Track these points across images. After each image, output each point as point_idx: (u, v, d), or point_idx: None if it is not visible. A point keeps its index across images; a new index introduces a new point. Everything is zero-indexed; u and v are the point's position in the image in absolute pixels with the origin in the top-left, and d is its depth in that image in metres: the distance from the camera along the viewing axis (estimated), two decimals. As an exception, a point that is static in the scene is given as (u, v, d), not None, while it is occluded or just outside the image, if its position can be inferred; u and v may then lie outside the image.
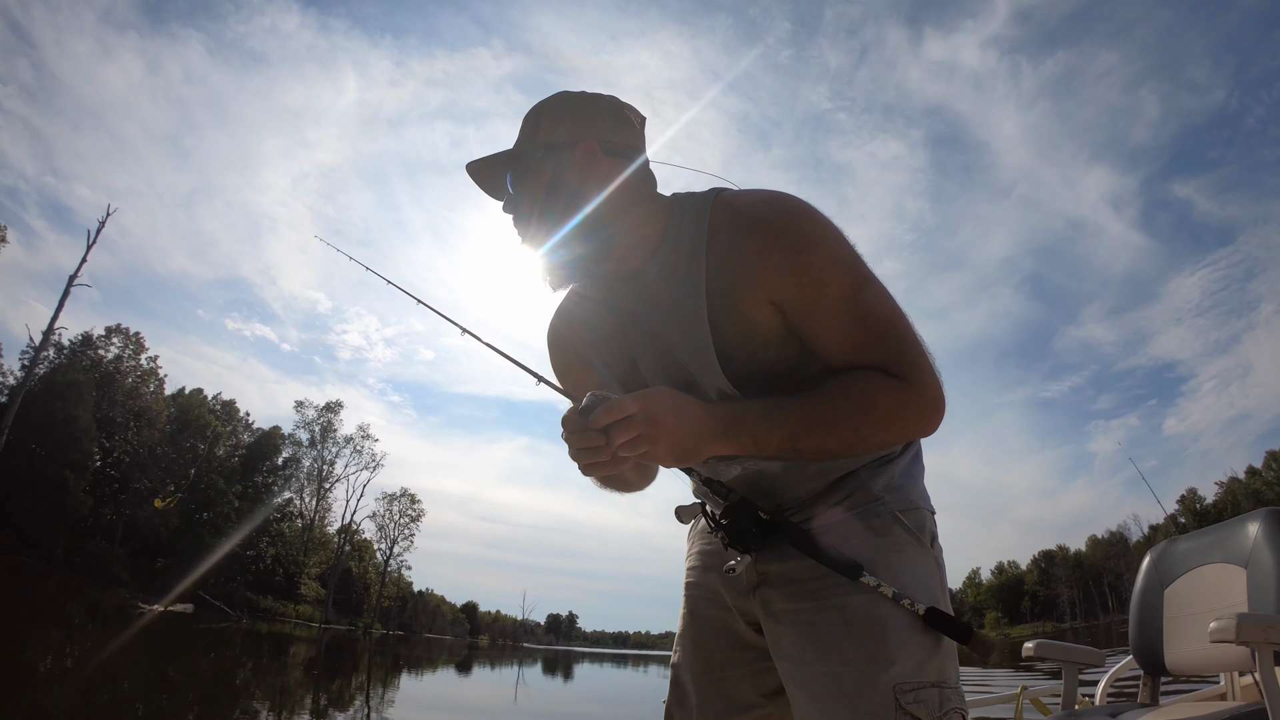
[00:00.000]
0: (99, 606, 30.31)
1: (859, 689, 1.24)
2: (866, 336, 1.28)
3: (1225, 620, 2.13)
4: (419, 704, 13.93)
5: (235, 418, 66.03)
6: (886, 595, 1.26)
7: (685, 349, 1.37)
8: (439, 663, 32.71)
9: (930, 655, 1.28)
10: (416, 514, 79.62)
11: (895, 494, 1.43)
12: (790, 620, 1.38)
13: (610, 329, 1.51)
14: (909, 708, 1.22)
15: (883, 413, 1.26)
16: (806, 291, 1.27)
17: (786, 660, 1.37)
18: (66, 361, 48.71)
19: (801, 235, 1.27)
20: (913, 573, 1.35)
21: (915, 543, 1.40)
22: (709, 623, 1.59)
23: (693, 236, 1.35)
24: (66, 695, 8.64)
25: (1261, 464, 77.73)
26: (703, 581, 1.63)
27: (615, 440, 1.17)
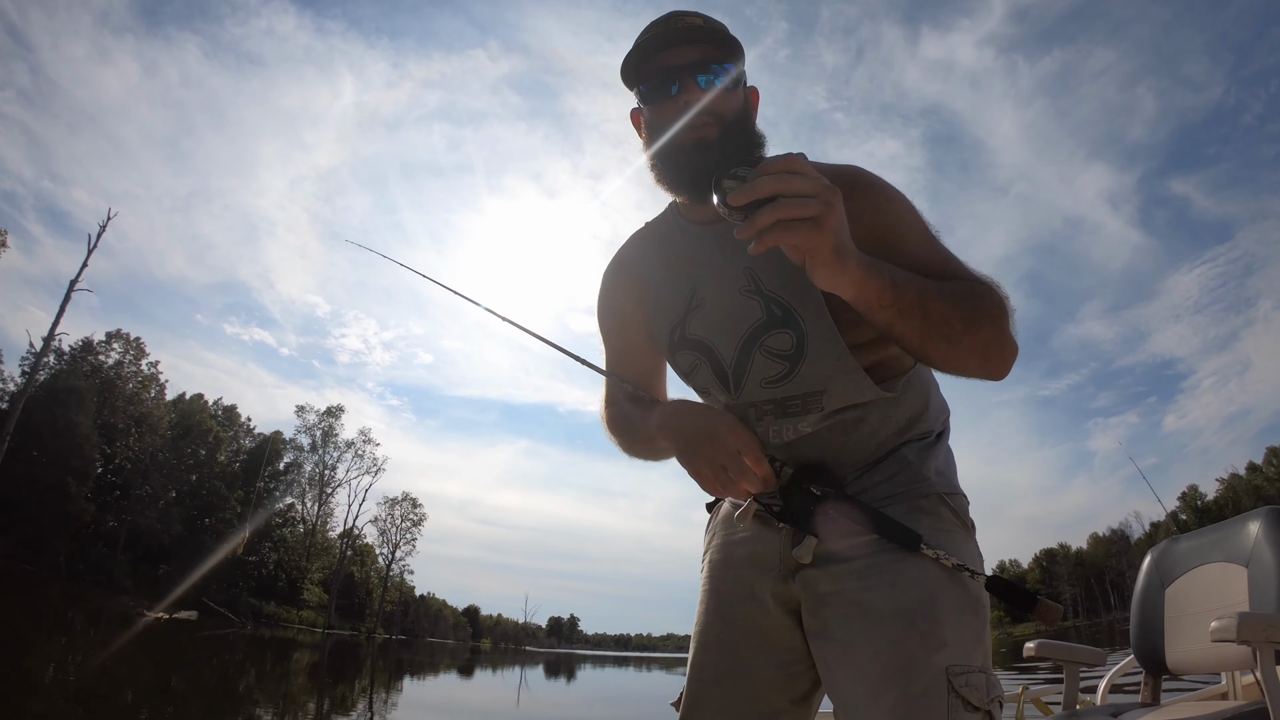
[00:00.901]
0: (102, 614, 30.27)
1: (910, 671, 1.23)
2: (950, 265, 1.35)
3: (1226, 619, 2.13)
4: (424, 708, 13.95)
5: (236, 423, 65.97)
6: (947, 565, 1.27)
7: (783, 282, 1.41)
8: (442, 667, 32.71)
9: (978, 641, 1.28)
10: (418, 518, 79.53)
11: (940, 477, 1.45)
12: (837, 602, 1.36)
13: (675, 274, 1.55)
14: (961, 691, 1.21)
15: (996, 317, 1.27)
16: (891, 229, 1.35)
17: (832, 644, 1.35)
18: (67, 367, 48.64)
19: (886, 189, 1.40)
20: (961, 555, 1.35)
21: (962, 527, 1.42)
22: (738, 619, 1.53)
23: None
24: (73, 706, 8.64)
25: (1262, 460, 77.56)
26: (730, 575, 1.57)
27: (787, 205, 1.05)
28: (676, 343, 1.54)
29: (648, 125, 1.47)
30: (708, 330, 1.49)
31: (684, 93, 1.39)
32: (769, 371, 1.43)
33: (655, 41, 1.42)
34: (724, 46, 1.42)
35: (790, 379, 1.41)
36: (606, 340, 1.73)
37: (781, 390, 1.43)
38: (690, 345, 1.52)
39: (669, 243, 1.57)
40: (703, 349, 1.51)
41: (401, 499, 78.36)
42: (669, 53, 1.42)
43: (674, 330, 1.54)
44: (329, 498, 71.30)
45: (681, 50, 1.41)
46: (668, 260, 1.57)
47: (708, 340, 1.50)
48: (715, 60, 1.41)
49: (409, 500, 78.87)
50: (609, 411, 1.71)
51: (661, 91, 1.42)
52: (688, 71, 1.40)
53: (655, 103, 1.44)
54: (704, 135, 1.38)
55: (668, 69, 1.41)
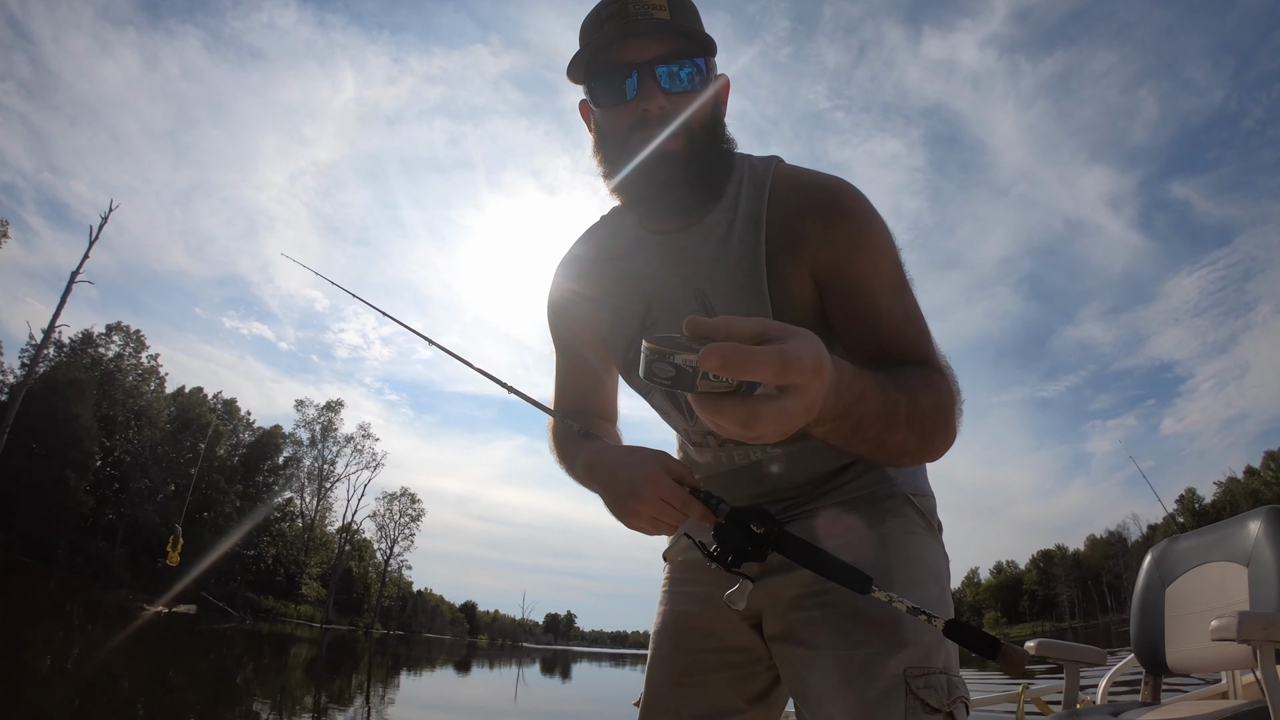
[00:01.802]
0: (101, 607, 30.29)
1: (869, 672, 1.22)
2: (910, 328, 1.21)
3: (1226, 619, 2.14)
4: (422, 704, 13.95)
5: (236, 417, 66.06)
6: (901, 609, 1.08)
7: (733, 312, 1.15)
8: (439, 662, 32.72)
9: (939, 643, 1.25)
10: (417, 513, 79.49)
11: (906, 476, 1.42)
12: (799, 606, 1.34)
13: (629, 285, 1.41)
14: (919, 693, 1.20)
15: (952, 410, 1.15)
16: (858, 271, 1.21)
17: (795, 647, 1.34)
18: (67, 360, 48.70)
19: (864, 221, 1.23)
20: (924, 560, 1.34)
21: (927, 528, 1.40)
22: (694, 621, 1.53)
23: (753, 200, 1.29)
24: (75, 700, 8.65)
25: (1260, 464, 77.65)
26: (688, 578, 1.57)
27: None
28: (631, 361, 1.44)
29: (599, 128, 1.31)
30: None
31: (644, 97, 1.21)
32: None
33: (611, 30, 1.22)
34: (693, 37, 1.23)
35: None
36: (557, 344, 1.62)
37: None
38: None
39: (622, 246, 1.43)
40: None
41: (400, 494, 78.44)
42: (627, 45, 1.22)
43: (629, 348, 1.44)
44: (328, 492, 71.45)
45: (642, 43, 1.22)
46: (621, 269, 1.43)
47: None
48: (683, 55, 1.23)
49: (407, 496, 78.94)
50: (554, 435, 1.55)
51: (615, 92, 1.25)
52: (648, 70, 1.21)
53: (609, 106, 1.26)
54: (669, 149, 1.22)
55: (625, 65, 1.22)
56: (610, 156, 1.28)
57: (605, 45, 1.23)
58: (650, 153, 1.22)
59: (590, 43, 1.25)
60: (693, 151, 1.23)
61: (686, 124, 1.22)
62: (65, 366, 47.06)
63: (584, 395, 1.62)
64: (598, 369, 1.59)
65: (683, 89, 1.22)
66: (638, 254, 1.40)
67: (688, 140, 1.23)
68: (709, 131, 1.26)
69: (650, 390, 1.45)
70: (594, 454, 1.34)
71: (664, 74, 1.21)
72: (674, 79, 1.22)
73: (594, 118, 1.33)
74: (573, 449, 1.44)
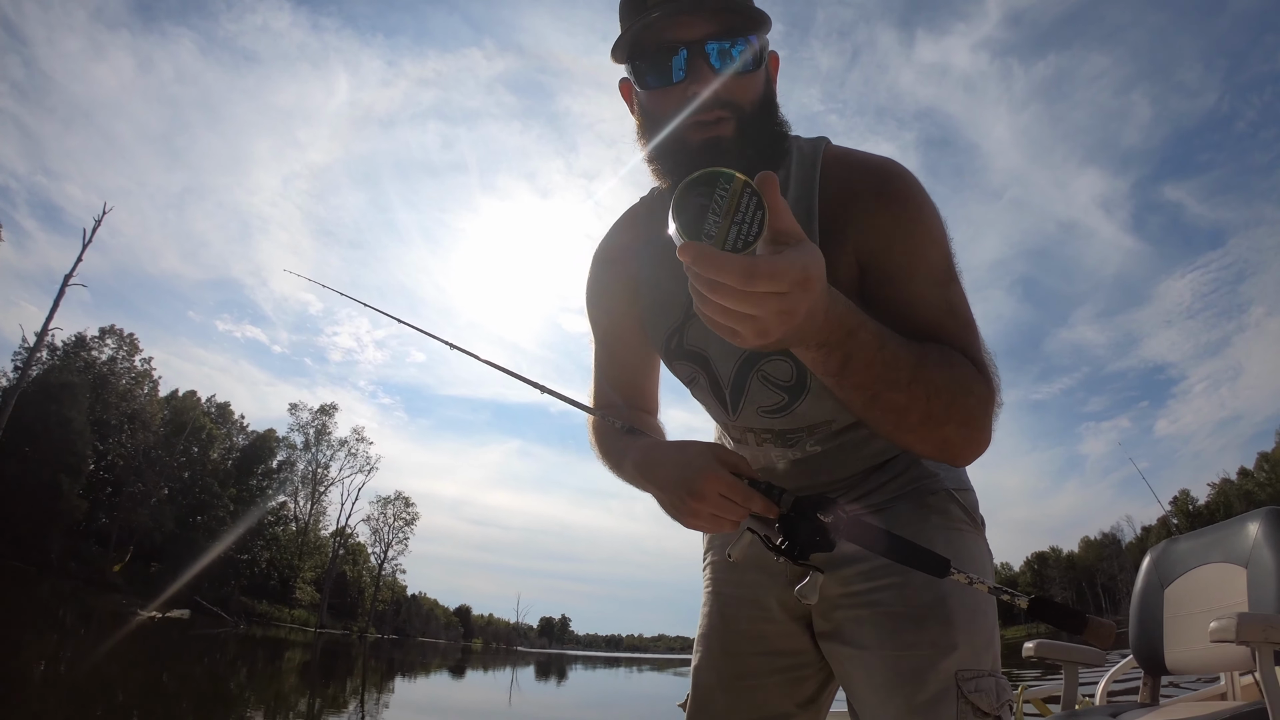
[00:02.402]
0: (94, 612, 30.16)
1: (920, 675, 1.20)
2: (951, 320, 1.16)
3: (1225, 620, 2.14)
4: (416, 708, 13.92)
5: (229, 420, 65.78)
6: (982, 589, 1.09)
7: None
8: (433, 667, 32.65)
9: (988, 643, 1.24)
10: (411, 517, 79.22)
11: (948, 471, 1.38)
12: (846, 604, 1.31)
13: (671, 272, 1.32)
14: (971, 696, 1.18)
15: (975, 399, 1.10)
16: (905, 257, 1.17)
17: (844, 646, 1.31)
18: (60, 363, 48.50)
19: (916, 206, 1.18)
20: (973, 554, 1.32)
21: (970, 524, 1.37)
22: (741, 624, 1.49)
23: (804, 184, 1.23)
24: (68, 707, 8.61)
25: (1253, 465, 77.88)
26: (735, 579, 1.52)
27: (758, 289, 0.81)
28: (673, 351, 1.39)
29: (644, 113, 1.22)
30: (705, 343, 1.34)
31: (693, 78, 1.12)
32: (766, 400, 1.32)
33: (656, 6, 1.12)
34: (745, 11, 1.14)
35: (788, 412, 1.32)
36: (597, 336, 1.56)
37: (780, 422, 1.34)
38: (687, 356, 1.37)
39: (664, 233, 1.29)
40: (700, 361, 1.36)
41: (394, 498, 78.12)
42: (675, 22, 1.12)
43: (670, 338, 1.39)
44: (321, 496, 71.19)
45: (692, 20, 1.12)
46: (663, 254, 1.35)
47: (705, 353, 1.35)
48: (735, 33, 1.13)
49: (401, 499, 78.64)
50: (596, 432, 1.50)
51: (662, 74, 1.15)
52: (698, 49, 1.12)
53: (654, 88, 1.18)
54: (718, 134, 1.13)
55: (672, 44, 1.13)
56: (656, 141, 1.19)
57: (651, 22, 1.13)
58: (698, 139, 1.14)
59: (635, 20, 1.14)
60: (745, 135, 1.14)
61: (736, 106, 1.14)
62: (58, 370, 46.85)
63: (625, 387, 1.55)
64: (639, 359, 1.53)
65: (734, 68, 1.13)
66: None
67: (739, 123, 1.14)
68: (762, 112, 1.18)
69: (695, 377, 1.39)
70: (643, 452, 1.27)
71: (714, 52, 1.12)
72: (725, 58, 1.13)
73: (638, 99, 1.24)
74: (619, 447, 1.38)
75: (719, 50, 1.12)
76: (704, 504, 1.12)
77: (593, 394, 1.58)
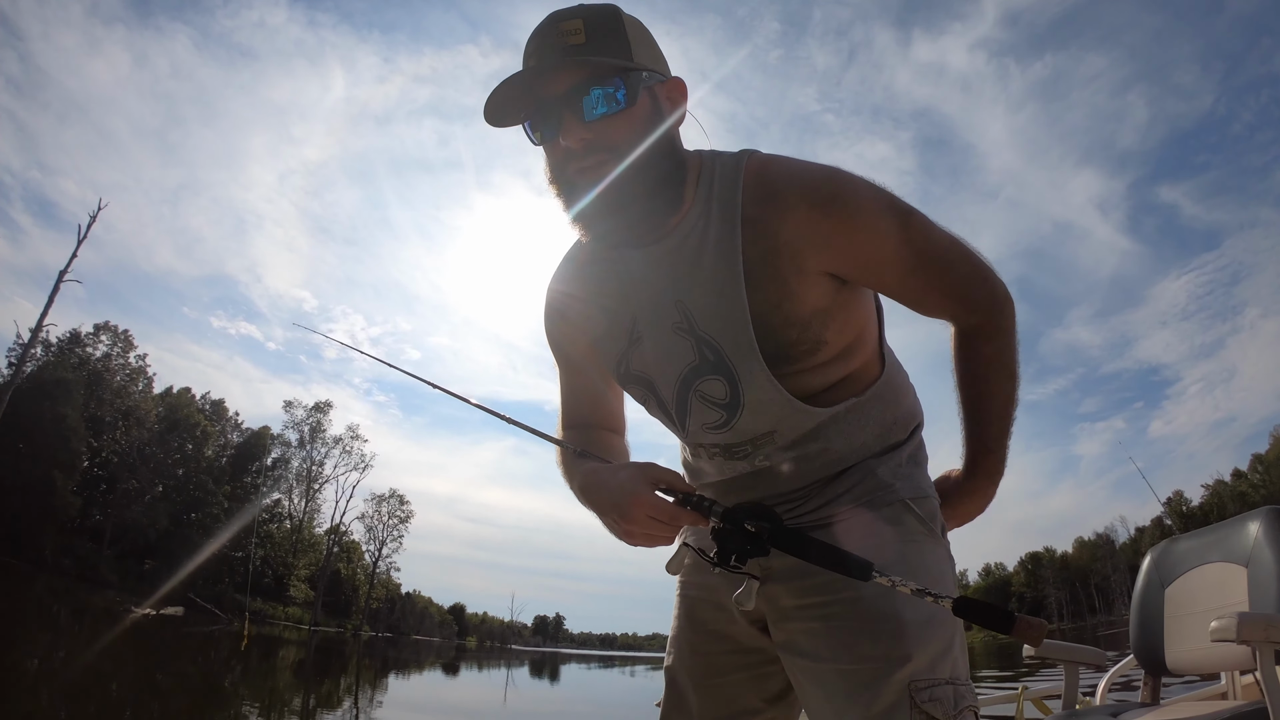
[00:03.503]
0: (87, 609, 30.09)
1: (873, 687, 1.19)
2: (932, 269, 1.31)
3: (1226, 619, 2.13)
4: (410, 706, 13.91)
5: (224, 417, 65.71)
6: (905, 592, 1.13)
7: (714, 325, 1.27)
8: (427, 664, 32.63)
9: (945, 651, 1.23)
10: (405, 515, 79.22)
11: (905, 481, 1.37)
12: (800, 616, 1.32)
13: (615, 299, 1.38)
14: (924, 706, 1.17)
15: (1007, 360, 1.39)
16: (866, 250, 1.24)
17: (798, 658, 1.31)
18: (55, 359, 48.36)
19: (850, 199, 1.22)
20: (927, 565, 1.31)
21: (928, 533, 1.35)
22: (707, 625, 1.51)
23: (725, 202, 1.26)
24: (63, 703, 8.59)
25: (1247, 467, 78.24)
26: (700, 582, 1.54)
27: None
28: (624, 375, 1.44)
29: (546, 163, 1.27)
30: (646, 367, 1.38)
31: (565, 133, 1.18)
32: (707, 418, 1.36)
33: (530, 69, 1.19)
34: (609, 55, 1.19)
35: (729, 427, 1.35)
36: (556, 358, 1.59)
37: (724, 436, 1.37)
38: (635, 380, 1.43)
39: (604, 264, 1.39)
40: (647, 384, 1.41)
41: (389, 496, 78.09)
42: (544, 81, 1.19)
43: (620, 363, 1.43)
44: (316, 494, 71.16)
45: (557, 76, 1.18)
46: (604, 287, 1.40)
47: (649, 377, 1.39)
48: (599, 81, 1.17)
49: (396, 497, 78.60)
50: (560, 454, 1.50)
51: (544, 130, 1.23)
52: (565, 103, 1.18)
53: (545, 144, 1.25)
54: (598, 176, 1.18)
55: (545, 100, 1.20)
56: (559, 192, 1.24)
57: (527, 83, 1.20)
58: (582, 185, 1.20)
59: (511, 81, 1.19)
60: (632, 172, 1.18)
61: (612, 148, 1.18)
62: (53, 366, 46.72)
63: (588, 408, 1.60)
64: (599, 384, 1.57)
65: (603, 113, 1.17)
66: (620, 269, 1.37)
67: (618, 164, 1.18)
68: (649, 148, 1.20)
69: (647, 398, 1.44)
70: (586, 476, 1.33)
71: (585, 105, 1.17)
72: (594, 104, 1.17)
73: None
74: (572, 469, 1.42)
75: (586, 100, 1.17)
76: (634, 525, 1.21)
77: (560, 414, 1.63)
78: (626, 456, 1.56)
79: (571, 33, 1.18)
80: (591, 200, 1.19)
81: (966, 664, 1.28)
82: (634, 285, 1.35)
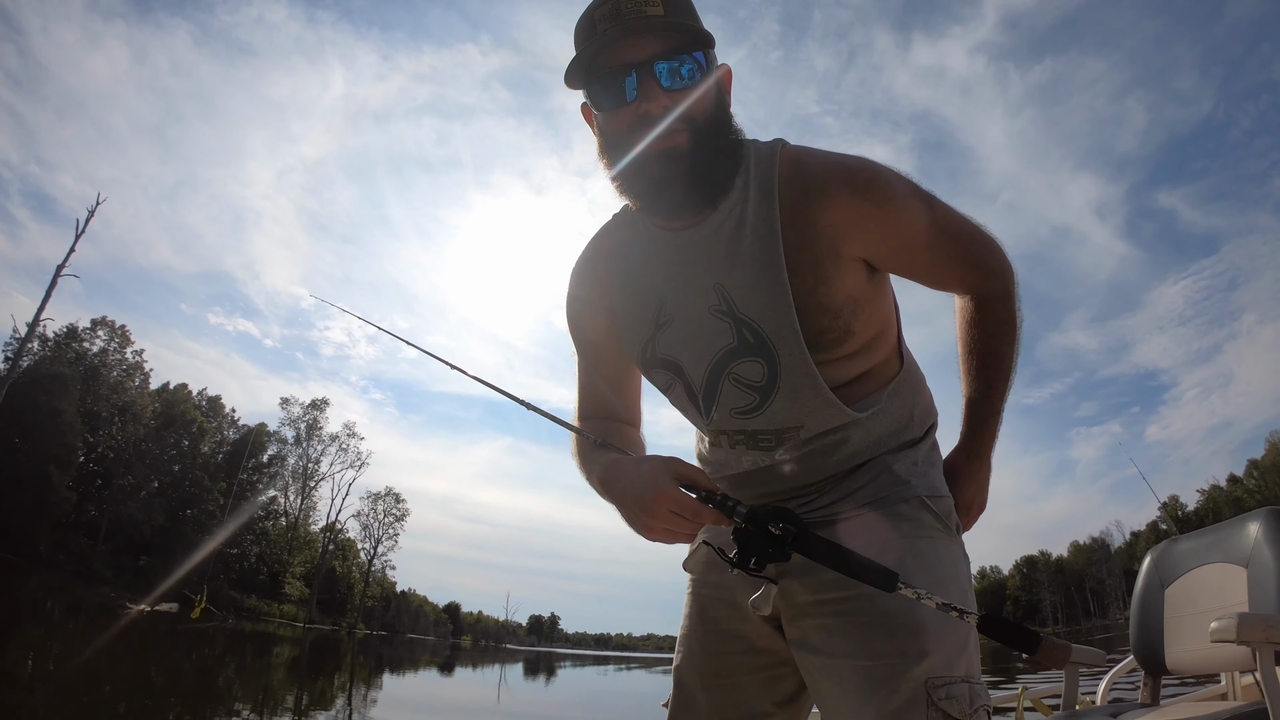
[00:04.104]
0: (82, 605, 30.04)
1: (889, 684, 1.19)
2: (955, 244, 1.37)
3: (1226, 620, 2.13)
4: (405, 705, 13.90)
5: (220, 414, 65.58)
6: (930, 606, 1.12)
7: (755, 307, 1.28)
8: (422, 663, 32.61)
9: (961, 649, 1.23)
10: (401, 513, 79.10)
11: (921, 479, 1.37)
12: (816, 613, 1.31)
13: (642, 284, 1.42)
14: (941, 704, 1.17)
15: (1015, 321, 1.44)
16: (901, 232, 1.29)
17: (813, 655, 1.30)
18: (51, 354, 48.27)
19: (885, 185, 1.26)
20: (942, 563, 1.31)
21: (944, 530, 1.35)
22: (720, 624, 1.50)
23: (763, 188, 1.28)
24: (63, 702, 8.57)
25: (1243, 472, 78.32)
26: (714, 580, 1.52)
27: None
28: (649, 360, 1.45)
29: (603, 133, 1.29)
30: (676, 350, 1.39)
31: (644, 97, 1.21)
32: (738, 402, 1.35)
33: (605, 32, 1.21)
34: (690, 31, 1.22)
35: (760, 412, 1.34)
36: (578, 350, 1.60)
37: (752, 423, 1.36)
38: (662, 364, 1.43)
39: (633, 246, 1.43)
40: (674, 368, 1.41)
41: (384, 494, 78.03)
42: (623, 46, 1.21)
43: (645, 348, 1.44)
44: (312, 491, 71.00)
45: (639, 42, 1.21)
46: (633, 269, 1.43)
47: (677, 360, 1.40)
48: (681, 50, 1.21)
49: (392, 495, 78.53)
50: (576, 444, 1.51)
51: (615, 95, 1.23)
52: (647, 69, 1.20)
53: (609, 109, 1.26)
54: (673, 145, 1.22)
55: (623, 65, 1.21)
56: (615, 159, 1.27)
57: (602, 48, 1.22)
58: (654, 151, 1.22)
59: (586, 46, 1.23)
60: (697, 146, 1.22)
61: (690, 119, 1.22)
62: (49, 361, 46.64)
63: (606, 399, 1.59)
64: (619, 373, 1.57)
65: (683, 85, 1.21)
66: (649, 253, 1.39)
67: (692, 135, 1.22)
68: (714, 124, 1.25)
69: (672, 383, 1.44)
70: (606, 468, 1.34)
71: (663, 72, 1.20)
72: (674, 76, 1.21)
73: (597, 121, 1.31)
74: (590, 461, 1.42)
75: (668, 69, 1.21)
76: (655, 520, 1.19)
77: (577, 405, 1.62)
78: (643, 450, 1.55)
79: (650, 3, 1.20)
80: (650, 169, 1.23)
81: (979, 663, 1.28)
82: (664, 269, 1.37)
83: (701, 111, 1.23)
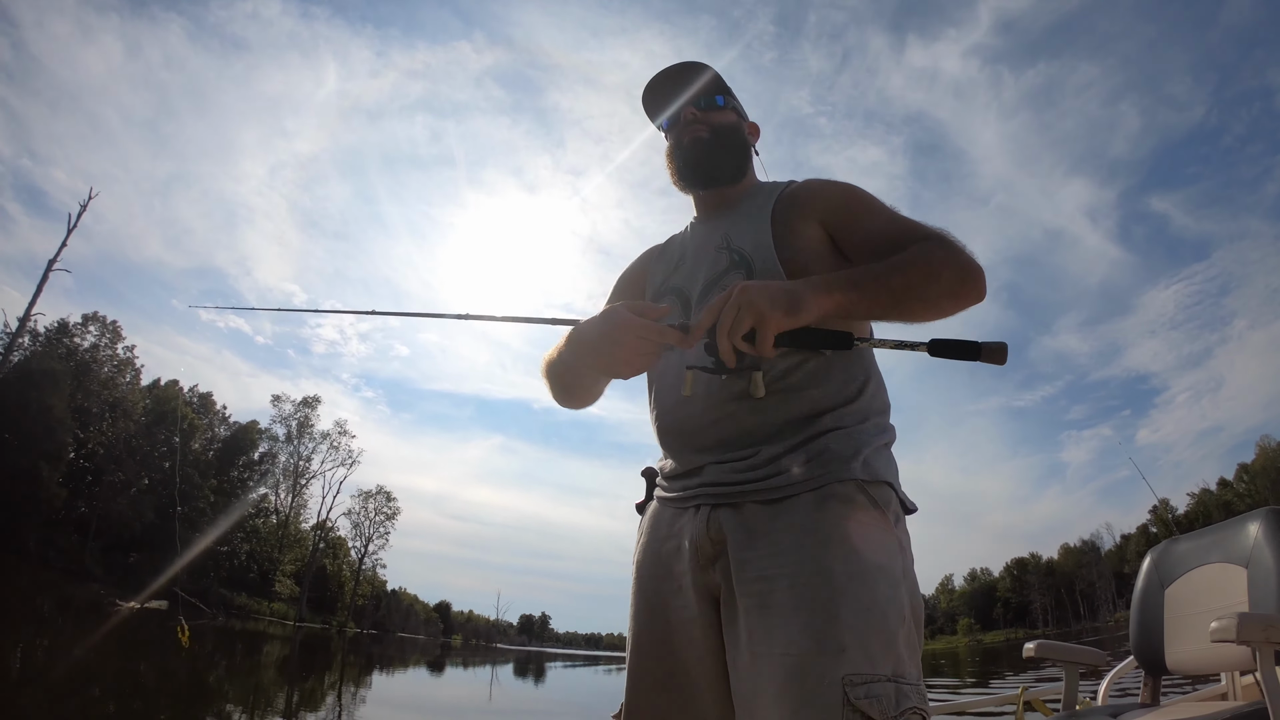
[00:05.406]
0: (72, 602, 29.90)
1: (804, 681, 1.16)
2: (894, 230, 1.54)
3: (1226, 620, 2.13)
4: (394, 704, 13.87)
5: (211, 411, 65.30)
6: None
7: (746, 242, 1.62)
8: (412, 662, 32.56)
9: (887, 644, 1.20)
10: (392, 512, 78.93)
11: (865, 467, 1.37)
12: (743, 592, 1.30)
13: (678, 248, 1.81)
14: (859, 704, 1.13)
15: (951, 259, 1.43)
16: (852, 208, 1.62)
17: (732, 644, 1.31)
18: (42, 349, 47.95)
19: (846, 185, 1.67)
20: (869, 546, 1.28)
21: (880, 517, 1.34)
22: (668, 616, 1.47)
23: (769, 192, 1.74)
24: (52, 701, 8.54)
25: (1233, 476, 78.71)
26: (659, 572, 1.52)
27: (724, 325, 1.27)
28: (659, 289, 1.75)
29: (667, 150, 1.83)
30: (685, 279, 1.71)
31: (687, 111, 1.78)
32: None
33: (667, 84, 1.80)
34: (717, 82, 1.80)
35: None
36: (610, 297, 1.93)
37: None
38: (671, 291, 1.71)
39: (679, 235, 1.88)
40: (679, 294, 1.69)
41: (375, 492, 77.81)
42: (674, 85, 1.80)
43: (663, 281, 1.76)
44: (303, 489, 70.82)
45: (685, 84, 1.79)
46: (673, 244, 1.86)
47: (684, 287, 1.69)
48: (711, 91, 1.79)
49: (383, 494, 78.32)
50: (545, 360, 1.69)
51: (674, 118, 1.81)
52: (689, 100, 1.79)
53: (667, 128, 1.83)
54: (697, 134, 1.76)
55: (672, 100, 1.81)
56: (669, 155, 1.81)
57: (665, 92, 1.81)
58: (688, 138, 1.78)
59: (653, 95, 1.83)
60: (714, 137, 1.77)
61: (710, 122, 1.78)
62: (40, 356, 46.28)
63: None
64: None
65: (710, 107, 1.79)
66: (687, 236, 1.84)
67: (711, 130, 1.77)
68: (729, 129, 1.80)
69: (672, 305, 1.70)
70: (570, 332, 1.54)
71: (702, 99, 1.79)
72: (706, 101, 1.80)
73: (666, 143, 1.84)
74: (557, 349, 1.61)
75: (705, 98, 1.80)
76: (622, 349, 1.36)
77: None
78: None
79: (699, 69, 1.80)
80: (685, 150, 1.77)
81: (918, 663, 1.24)
82: (694, 241, 1.78)
83: (720, 121, 1.79)
